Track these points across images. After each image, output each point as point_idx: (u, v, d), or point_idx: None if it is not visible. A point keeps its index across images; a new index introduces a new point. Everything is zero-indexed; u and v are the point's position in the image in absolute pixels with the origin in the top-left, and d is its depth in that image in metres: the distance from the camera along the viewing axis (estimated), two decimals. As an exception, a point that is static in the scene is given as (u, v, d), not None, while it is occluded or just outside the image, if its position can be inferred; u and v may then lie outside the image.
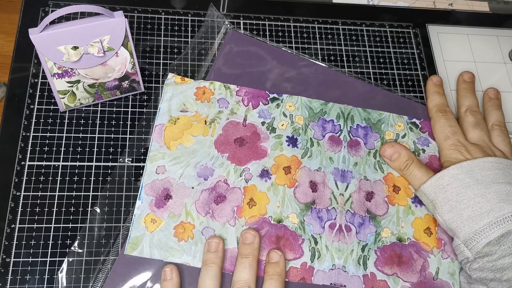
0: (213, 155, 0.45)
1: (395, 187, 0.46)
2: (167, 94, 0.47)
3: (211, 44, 0.53)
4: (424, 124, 0.50)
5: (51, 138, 0.46)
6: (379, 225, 0.44)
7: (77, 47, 0.42)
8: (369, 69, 0.56)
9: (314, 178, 0.45)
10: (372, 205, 0.45)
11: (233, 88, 0.48)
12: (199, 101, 0.47)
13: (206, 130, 0.46)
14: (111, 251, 0.42)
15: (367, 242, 0.44)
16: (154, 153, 0.44)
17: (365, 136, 0.49)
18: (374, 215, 0.45)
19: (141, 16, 0.54)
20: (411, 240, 0.44)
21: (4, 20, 0.52)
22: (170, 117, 0.46)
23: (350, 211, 0.44)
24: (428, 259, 0.44)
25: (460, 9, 0.63)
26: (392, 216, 0.45)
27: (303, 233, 0.43)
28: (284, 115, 0.48)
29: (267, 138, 0.47)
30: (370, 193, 0.46)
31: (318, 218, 0.44)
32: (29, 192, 0.43)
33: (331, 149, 0.47)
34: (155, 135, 0.45)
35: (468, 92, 0.50)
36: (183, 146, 0.45)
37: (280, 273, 0.40)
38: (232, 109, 0.47)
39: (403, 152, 0.46)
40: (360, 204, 0.45)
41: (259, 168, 0.45)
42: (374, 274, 0.43)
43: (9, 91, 0.48)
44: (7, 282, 0.40)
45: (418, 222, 0.45)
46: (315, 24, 0.57)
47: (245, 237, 0.41)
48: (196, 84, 0.48)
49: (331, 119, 0.49)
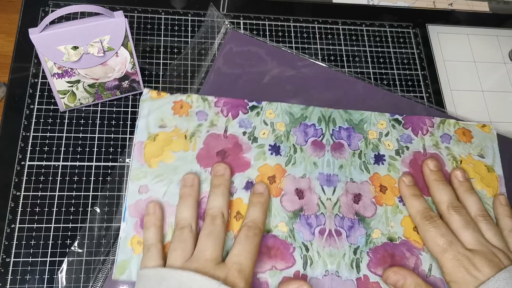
0: (195, 170, 0.44)
1: (382, 187, 0.46)
2: (144, 110, 0.45)
3: (211, 44, 0.53)
4: (407, 119, 0.50)
5: (51, 138, 0.46)
6: (368, 227, 0.44)
7: (77, 47, 0.42)
8: (369, 69, 0.56)
9: (299, 185, 0.45)
10: (360, 207, 0.45)
11: (211, 100, 0.47)
12: (177, 116, 0.46)
13: (187, 145, 0.45)
14: (111, 251, 0.42)
15: (358, 245, 0.43)
16: (135, 172, 0.43)
17: (348, 137, 0.48)
18: (363, 217, 0.44)
19: (141, 16, 0.54)
20: (402, 239, 0.44)
21: (4, 20, 0.52)
22: (149, 134, 0.44)
23: (339, 215, 0.44)
24: (420, 257, 0.44)
25: (460, 9, 0.63)
26: (381, 217, 0.45)
27: (293, 241, 0.43)
28: (265, 123, 0.47)
29: (250, 149, 0.46)
30: (358, 195, 0.45)
31: (307, 224, 0.43)
32: (29, 192, 0.43)
33: (314, 154, 0.46)
34: (135, 153, 0.43)
35: (441, 184, 0.46)
36: (164, 163, 0.43)
37: (263, 202, 0.42)
38: (212, 121, 0.46)
39: (409, 279, 0.41)
40: (348, 207, 0.45)
41: (244, 180, 0.44)
42: (367, 276, 0.42)
43: (9, 91, 0.48)
44: (7, 282, 0.40)
45: (407, 221, 0.45)
46: (315, 24, 0.57)
47: (217, 170, 0.43)
48: (173, 98, 0.46)
49: (312, 123, 0.48)
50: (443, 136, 0.50)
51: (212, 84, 0.50)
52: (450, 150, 0.49)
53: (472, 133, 0.50)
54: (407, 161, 0.48)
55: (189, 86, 0.51)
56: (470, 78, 0.58)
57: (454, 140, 0.50)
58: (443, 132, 0.50)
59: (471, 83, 0.57)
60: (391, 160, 0.48)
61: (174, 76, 0.51)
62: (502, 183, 0.48)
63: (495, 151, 0.50)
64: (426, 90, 0.55)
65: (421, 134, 0.49)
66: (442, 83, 0.56)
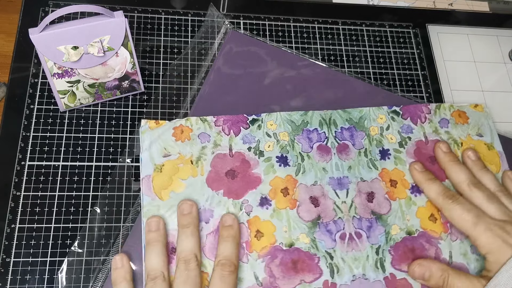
0: (208, 195, 0.43)
1: (392, 181, 0.46)
2: (145, 142, 0.44)
3: (211, 44, 0.53)
4: (405, 110, 0.50)
5: (51, 138, 0.46)
6: (386, 224, 0.44)
7: (77, 47, 0.42)
8: (369, 69, 0.56)
9: (313, 193, 0.45)
10: (375, 205, 0.45)
11: (210, 120, 0.47)
12: (179, 142, 0.45)
13: (195, 170, 0.44)
14: (111, 251, 0.42)
15: (379, 244, 0.43)
16: (148, 208, 0.42)
17: (351, 137, 0.48)
18: (379, 215, 0.45)
19: (141, 16, 0.54)
20: (419, 231, 0.44)
21: (4, 20, 0.52)
22: (155, 166, 0.43)
23: (356, 217, 0.44)
24: (439, 246, 0.44)
25: (460, 9, 0.63)
26: (397, 212, 0.45)
27: (317, 251, 0.42)
28: (268, 136, 0.47)
29: (257, 164, 0.45)
30: (371, 194, 0.45)
31: (327, 232, 0.43)
32: (29, 192, 0.43)
33: (322, 159, 0.46)
34: (144, 188, 0.42)
35: (457, 165, 0.46)
36: (175, 193, 0.43)
37: (234, 235, 0.40)
38: (215, 142, 0.46)
39: (434, 267, 0.41)
40: (363, 207, 0.45)
41: (257, 197, 0.44)
42: (394, 274, 0.42)
43: (9, 91, 0.48)
44: (7, 282, 0.40)
45: (421, 211, 0.45)
46: (315, 24, 0.57)
47: (182, 208, 0.41)
48: (172, 124, 0.46)
49: (315, 128, 0.48)
50: (441, 121, 0.50)
51: (212, 84, 0.50)
52: (450, 134, 0.50)
53: (467, 113, 0.51)
54: (411, 152, 0.48)
55: (189, 86, 0.51)
56: (470, 78, 0.58)
57: (452, 124, 0.50)
58: (440, 117, 0.51)
59: (471, 83, 0.57)
60: (396, 153, 0.48)
61: (174, 76, 0.51)
62: (503, 159, 0.49)
63: (491, 128, 0.51)
64: (426, 90, 0.55)
65: (420, 122, 0.50)
66: (442, 83, 0.56)
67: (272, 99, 0.50)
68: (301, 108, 0.50)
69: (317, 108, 0.50)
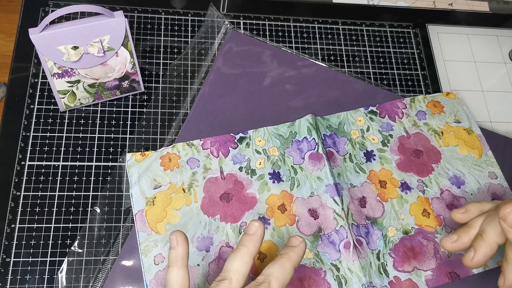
0: (205, 222, 0.42)
1: (381, 182, 0.46)
2: (134, 176, 0.43)
3: (211, 44, 0.53)
4: (381, 108, 0.51)
5: (51, 138, 0.46)
6: (382, 227, 0.44)
7: (77, 47, 0.42)
8: (369, 69, 0.55)
9: (310, 205, 0.44)
10: (368, 210, 0.45)
11: (197, 144, 0.46)
12: (168, 171, 0.44)
13: (188, 199, 0.43)
14: (111, 251, 0.42)
15: (379, 249, 0.43)
16: (144, 244, 0.40)
17: (334, 144, 0.47)
18: (374, 219, 0.44)
19: (141, 16, 0.54)
20: (415, 229, 0.45)
21: (4, 20, 0.52)
22: (146, 199, 0.42)
23: (354, 224, 0.43)
24: (436, 240, 0.44)
25: (460, 9, 0.63)
26: (390, 213, 0.45)
27: (322, 265, 0.41)
28: (257, 152, 0.46)
29: (251, 183, 0.44)
30: (362, 199, 0.45)
31: (330, 243, 0.42)
32: (29, 192, 0.43)
33: (315, 168, 0.45)
34: (138, 224, 0.41)
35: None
36: (171, 224, 0.41)
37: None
38: (205, 166, 0.45)
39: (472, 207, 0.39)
40: (358, 213, 0.44)
41: (255, 217, 0.43)
42: (398, 277, 0.42)
43: (9, 91, 0.48)
44: (7, 282, 0.40)
45: (414, 208, 0.45)
46: (315, 24, 0.57)
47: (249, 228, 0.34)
48: (158, 154, 0.45)
49: (304, 136, 0.47)
50: (418, 114, 0.51)
51: (212, 84, 0.50)
52: (429, 125, 0.50)
53: (441, 102, 0.52)
54: (395, 149, 0.48)
55: (189, 86, 0.51)
56: (470, 78, 0.58)
57: (429, 115, 0.51)
58: (417, 110, 0.51)
59: (471, 83, 0.57)
60: (380, 152, 0.48)
61: (174, 76, 0.51)
62: (483, 141, 0.50)
63: (467, 113, 0.52)
64: (426, 90, 0.55)
65: (398, 118, 0.50)
66: (442, 83, 0.56)
67: (272, 99, 0.50)
68: (301, 108, 0.50)
69: (317, 108, 0.50)
